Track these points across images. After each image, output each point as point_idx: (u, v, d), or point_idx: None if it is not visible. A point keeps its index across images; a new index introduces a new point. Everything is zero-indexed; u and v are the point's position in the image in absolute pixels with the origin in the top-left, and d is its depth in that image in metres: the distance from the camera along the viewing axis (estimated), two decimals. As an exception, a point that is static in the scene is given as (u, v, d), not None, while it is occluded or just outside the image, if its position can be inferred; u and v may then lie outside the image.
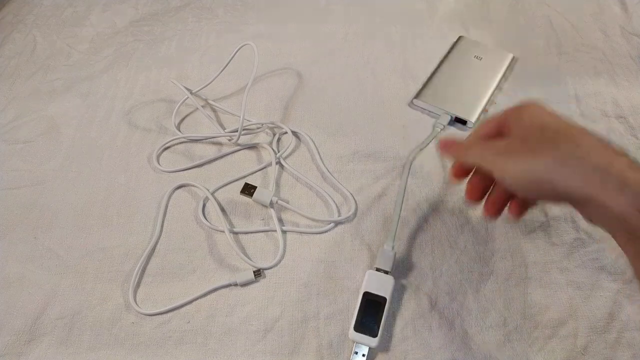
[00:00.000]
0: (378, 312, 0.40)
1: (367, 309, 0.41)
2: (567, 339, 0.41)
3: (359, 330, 0.40)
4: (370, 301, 0.41)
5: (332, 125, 0.56)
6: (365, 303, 0.41)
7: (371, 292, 0.41)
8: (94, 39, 0.68)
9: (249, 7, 0.71)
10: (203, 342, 0.42)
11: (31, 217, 0.50)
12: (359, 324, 0.40)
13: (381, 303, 0.41)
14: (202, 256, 0.47)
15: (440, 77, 0.59)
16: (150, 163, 0.54)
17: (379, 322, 0.40)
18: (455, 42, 0.63)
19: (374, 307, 0.41)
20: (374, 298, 0.41)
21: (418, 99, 0.57)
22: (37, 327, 0.43)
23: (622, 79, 0.59)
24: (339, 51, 0.64)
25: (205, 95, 0.59)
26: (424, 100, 0.57)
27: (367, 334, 0.40)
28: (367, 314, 0.40)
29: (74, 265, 0.46)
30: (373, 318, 0.40)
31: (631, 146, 0.52)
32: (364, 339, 0.39)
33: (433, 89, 0.58)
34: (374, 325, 0.40)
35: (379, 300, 0.41)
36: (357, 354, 0.40)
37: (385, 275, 0.42)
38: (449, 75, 0.59)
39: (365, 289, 0.41)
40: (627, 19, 0.65)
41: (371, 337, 0.39)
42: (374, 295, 0.41)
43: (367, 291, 0.41)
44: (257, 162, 0.53)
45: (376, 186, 0.51)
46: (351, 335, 0.40)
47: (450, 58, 0.61)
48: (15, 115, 0.59)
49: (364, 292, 0.41)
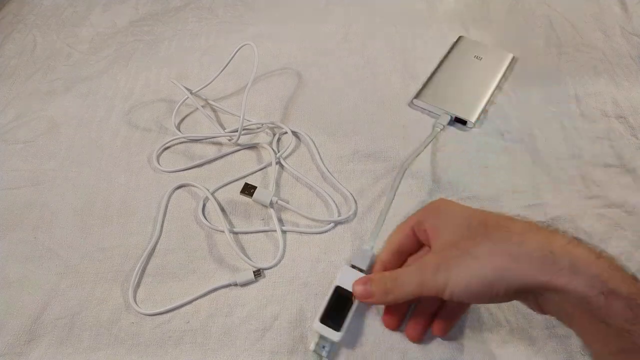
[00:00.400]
0: (346, 307, 0.40)
1: (337, 303, 0.40)
2: (566, 339, 0.41)
3: (324, 322, 0.40)
4: (341, 296, 0.41)
5: (332, 125, 0.56)
6: (336, 297, 0.41)
7: (343, 288, 0.41)
8: (94, 39, 0.68)
9: (249, 7, 0.71)
10: (203, 342, 0.42)
11: (31, 217, 0.50)
12: (326, 317, 0.40)
13: (350, 299, 0.40)
14: (202, 256, 0.47)
15: (440, 77, 0.59)
16: (150, 163, 0.54)
17: (345, 318, 0.40)
18: (455, 42, 0.63)
19: (344, 302, 0.40)
20: (345, 293, 0.41)
21: (418, 99, 0.57)
22: (37, 327, 0.43)
23: (622, 79, 0.59)
24: (339, 51, 0.64)
25: (205, 95, 0.59)
26: (423, 100, 0.57)
27: (332, 328, 0.39)
28: (335, 308, 0.40)
29: (74, 265, 0.46)
30: (340, 313, 0.40)
31: (631, 146, 0.52)
32: (328, 332, 0.39)
33: (433, 89, 0.58)
34: (340, 320, 0.39)
35: (349, 296, 0.40)
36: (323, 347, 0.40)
37: (359, 273, 0.42)
38: (449, 75, 0.59)
39: (338, 284, 0.41)
40: (627, 19, 0.65)
41: (335, 331, 0.39)
42: (345, 290, 0.41)
43: (339, 285, 0.41)
44: (257, 162, 0.53)
45: (376, 186, 0.51)
46: (315, 326, 0.39)
47: (450, 58, 0.61)
48: (15, 115, 0.59)
49: (335, 286, 0.41)
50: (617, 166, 0.51)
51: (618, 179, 0.50)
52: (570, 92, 0.58)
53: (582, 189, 0.49)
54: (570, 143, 0.53)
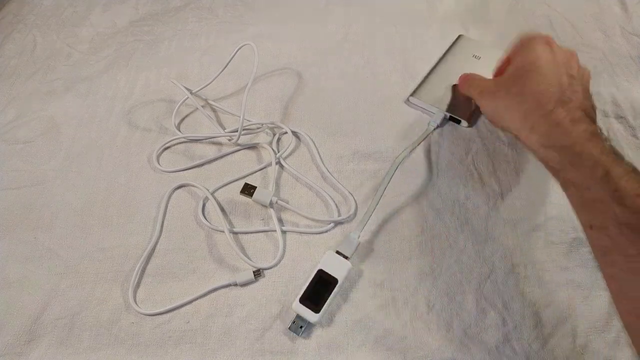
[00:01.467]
0: (327, 291, 0.42)
1: (318, 286, 0.42)
2: (566, 338, 0.41)
3: (304, 303, 0.41)
4: (322, 279, 0.42)
5: (332, 125, 0.56)
6: (317, 280, 0.42)
7: (325, 271, 0.43)
8: (94, 39, 0.68)
9: (249, 7, 0.71)
10: (202, 342, 0.42)
11: (31, 217, 0.50)
12: (305, 298, 0.41)
13: (332, 283, 0.42)
14: (202, 256, 0.47)
15: (437, 76, 0.59)
16: (150, 163, 0.54)
17: (325, 301, 0.41)
18: (455, 40, 0.63)
19: (325, 286, 0.42)
20: (326, 277, 0.42)
21: (414, 96, 0.57)
22: (37, 327, 0.43)
23: (622, 79, 0.59)
24: (339, 51, 0.64)
25: (205, 95, 0.59)
26: (419, 98, 0.57)
27: (310, 309, 0.41)
28: (316, 290, 0.42)
29: (74, 265, 0.46)
30: (321, 296, 0.41)
31: (631, 146, 0.52)
32: (306, 313, 0.41)
33: (429, 88, 0.58)
34: (320, 302, 0.41)
35: (330, 280, 0.42)
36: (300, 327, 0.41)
37: (343, 260, 0.43)
38: (446, 73, 0.59)
39: (321, 267, 0.43)
40: (627, 19, 0.65)
41: (314, 312, 0.41)
42: (327, 274, 0.42)
43: (321, 269, 0.43)
44: (257, 162, 0.53)
45: (376, 186, 0.51)
46: (295, 306, 0.41)
47: (449, 57, 0.61)
48: (15, 115, 0.59)
49: (318, 269, 0.43)
50: (617, 166, 0.51)
51: (618, 178, 0.50)
52: (570, 92, 0.58)
53: (582, 188, 0.49)
54: (570, 143, 0.53)
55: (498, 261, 0.45)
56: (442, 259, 0.45)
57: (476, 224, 0.48)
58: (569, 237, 0.46)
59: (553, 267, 0.45)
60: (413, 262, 0.45)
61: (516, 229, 0.47)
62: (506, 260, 0.45)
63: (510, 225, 0.47)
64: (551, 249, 0.46)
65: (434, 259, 0.46)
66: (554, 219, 0.47)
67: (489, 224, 0.47)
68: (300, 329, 0.41)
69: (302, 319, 0.41)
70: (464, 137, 0.54)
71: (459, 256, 0.46)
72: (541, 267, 0.45)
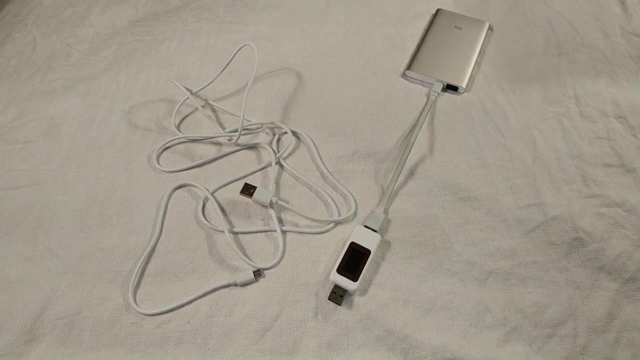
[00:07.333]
0: (361, 261, 0.44)
1: (352, 257, 0.44)
2: (566, 338, 0.41)
3: (341, 273, 0.43)
4: (355, 251, 0.44)
5: (332, 125, 0.56)
6: (351, 251, 0.44)
7: (357, 243, 0.45)
8: (94, 39, 0.68)
9: (249, 7, 0.71)
10: (203, 342, 0.42)
11: (31, 217, 0.50)
12: (342, 268, 0.43)
13: (365, 254, 0.44)
14: (202, 256, 0.47)
15: (427, 48, 0.62)
16: (150, 163, 0.54)
17: (361, 270, 0.43)
18: (435, 14, 0.67)
19: (358, 257, 0.44)
20: (359, 249, 0.44)
21: (411, 70, 0.60)
22: (37, 327, 0.43)
23: (622, 79, 0.59)
24: (339, 51, 0.64)
25: (205, 95, 0.59)
26: (415, 71, 0.60)
27: (349, 278, 0.43)
28: (350, 262, 0.44)
29: (74, 265, 0.46)
30: (356, 266, 0.43)
31: (631, 146, 0.52)
32: (345, 282, 0.42)
33: (423, 60, 0.61)
34: (356, 271, 0.43)
35: (363, 251, 0.44)
36: (341, 296, 0.42)
37: (372, 232, 0.46)
38: (435, 45, 0.63)
39: (352, 240, 0.45)
40: (627, 19, 0.65)
41: (352, 281, 0.42)
42: (359, 246, 0.44)
43: (353, 241, 0.45)
44: (257, 162, 0.53)
45: (376, 186, 0.51)
46: (332, 276, 0.43)
47: (433, 30, 0.65)
48: (15, 115, 0.59)
49: (350, 242, 0.45)
50: (617, 166, 0.51)
51: (618, 178, 0.50)
52: (570, 92, 0.58)
53: (582, 188, 0.49)
54: (570, 143, 0.53)
55: (498, 261, 0.45)
56: (442, 259, 0.46)
57: (477, 223, 0.48)
58: (569, 238, 0.46)
59: (553, 268, 0.45)
60: (413, 262, 0.45)
61: (516, 229, 0.47)
62: (506, 260, 0.45)
63: (511, 225, 0.47)
64: (551, 249, 0.46)
65: (434, 259, 0.46)
66: (554, 219, 0.47)
67: (489, 224, 0.47)
68: (341, 297, 0.42)
69: (341, 288, 0.42)
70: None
71: (458, 256, 0.46)
72: (541, 267, 0.45)
